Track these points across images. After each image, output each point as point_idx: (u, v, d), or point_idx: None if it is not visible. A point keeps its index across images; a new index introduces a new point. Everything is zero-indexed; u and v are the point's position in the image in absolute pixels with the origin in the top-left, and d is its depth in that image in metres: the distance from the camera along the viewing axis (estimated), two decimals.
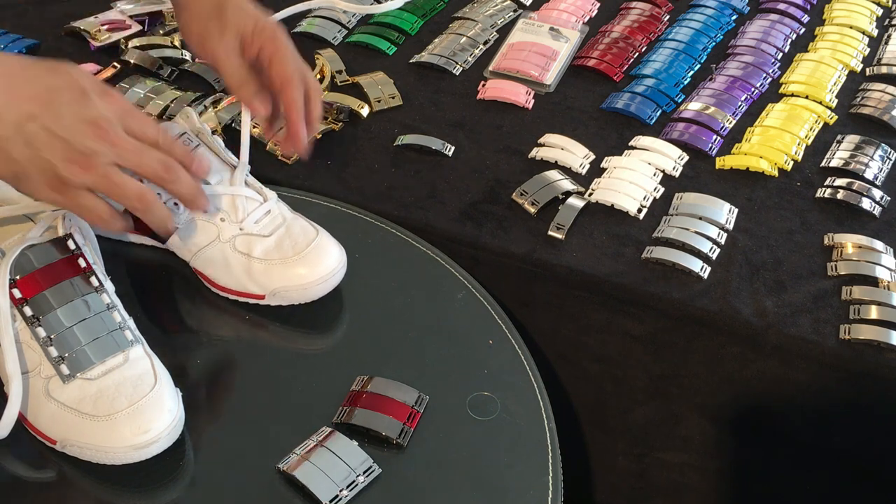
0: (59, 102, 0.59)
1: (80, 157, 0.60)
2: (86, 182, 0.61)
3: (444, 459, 0.66)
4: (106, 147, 0.60)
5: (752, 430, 0.88)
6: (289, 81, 0.74)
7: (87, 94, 0.61)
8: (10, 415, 0.62)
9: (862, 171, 0.96)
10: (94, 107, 0.60)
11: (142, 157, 0.62)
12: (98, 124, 0.60)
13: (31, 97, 0.59)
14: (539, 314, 0.89)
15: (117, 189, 0.62)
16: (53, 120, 0.59)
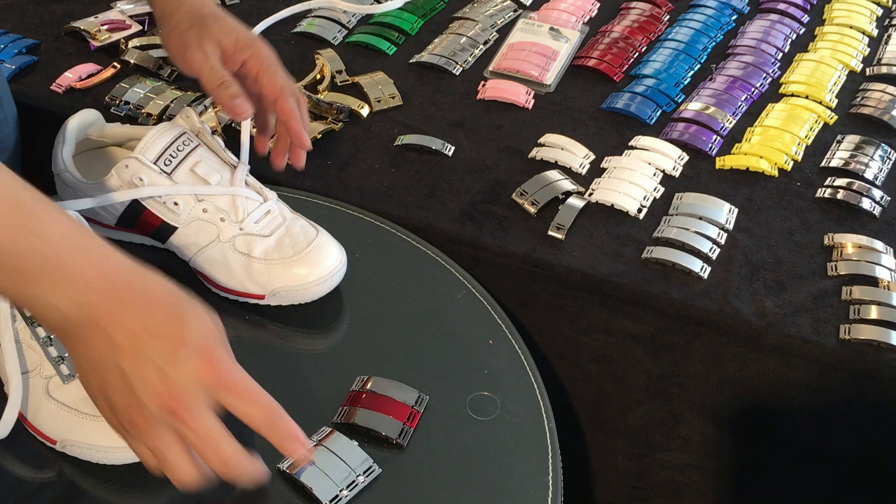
0: (148, 353, 0.53)
1: (143, 420, 0.54)
2: (139, 437, 0.55)
3: (444, 459, 0.66)
4: (175, 423, 0.53)
5: (752, 430, 0.88)
6: (281, 92, 0.76)
7: (180, 356, 0.53)
8: (10, 415, 0.62)
9: (862, 171, 0.96)
10: (180, 371, 0.53)
11: (208, 448, 0.54)
12: (177, 396, 0.53)
13: (128, 330, 0.53)
14: (539, 314, 0.89)
15: (166, 466, 0.55)
16: (136, 368, 0.53)
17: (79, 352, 0.54)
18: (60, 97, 1.03)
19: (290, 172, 0.94)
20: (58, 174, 0.78)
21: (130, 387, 0.53)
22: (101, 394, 0.55)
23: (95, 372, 0.54)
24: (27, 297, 0.53)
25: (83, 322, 0.53)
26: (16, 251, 0.52)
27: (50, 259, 0.52)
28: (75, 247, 0.54)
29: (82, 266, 0.53)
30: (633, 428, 0.92)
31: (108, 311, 0.53)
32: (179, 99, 1.02)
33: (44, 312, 0.53)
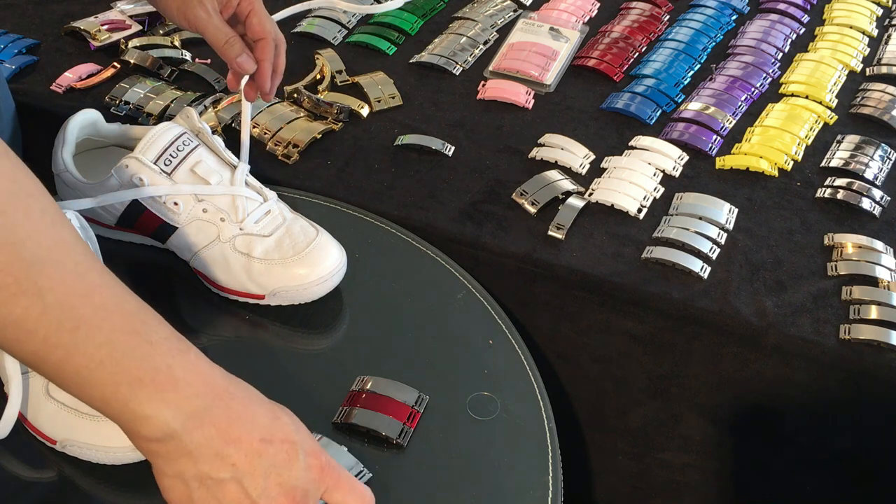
0: (266, 457, 0.52)
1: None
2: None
3: (444, 459, 0.66)
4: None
5: (752, 430, 0.88)
6: (265, 34, 0.81)
7: (296, 457, 0.53)
8: (10, 415, 0.62)
9: (862, 171, 0.96)
10: (297, 474, 0.53)
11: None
12: (293, 495, 0.53)
13: (241, 444, 0.52)
14: (539, 314, 0.89)
15: None
16: (252, 478, 0.52)
17: (181, 468, 0.52)
18: (60, 97, 1.03)
19: (289, 172, 0.94)
20: (58, 174, 0.78)
21: (252, 500, 0.52)
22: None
23: (203, 488, 0.52)
24: (129, 409, 0.50)
25: (191, 433, 0.51)
26: (128, 358, 0.50)
27: (160, 367, 0.51)
28: (180, 354, 0.52)
29: (188, 374, 0.52)
30: (633, 428, 0.92)
31: (222, 424, 0.52)
32: (179, 99, 1.02)
33: (145, 425, 0.51)
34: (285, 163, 0.95)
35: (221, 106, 1.01)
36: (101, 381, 0.50)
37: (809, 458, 0.87)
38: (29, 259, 0.48)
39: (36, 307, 0.48)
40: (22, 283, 0.47)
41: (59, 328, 0.48)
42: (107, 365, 0.49)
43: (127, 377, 0.50)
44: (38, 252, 0.48)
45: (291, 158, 0.96)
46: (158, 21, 1.17)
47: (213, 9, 0.80)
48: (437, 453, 0.66)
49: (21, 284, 0.47)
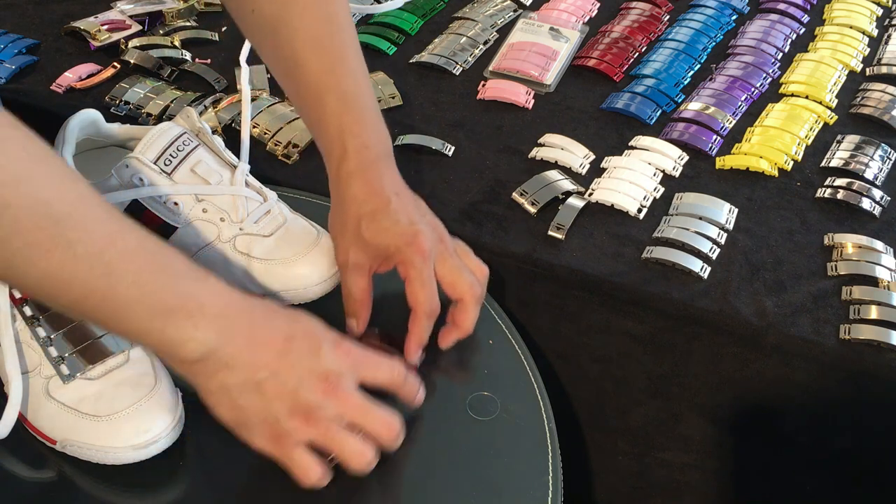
0: (295, 353, 0.59)
1: (305, 410, 0.59)
2: (307, 436, 0.59)
3: (444, 459, 0.66)
4: (331, 402, 0.59)
5: (752, 430, 0.88)
6: (414, 313, 0.70)
7: (320, 346, 0.60)
8: (10, 415, 0.62)
9: (862, 171, 0.96)
10: (326, 359, 0.60)
11: (366, 417, 0.61)
12: (328, 379, 0.59)
13: (269, 345, 0.58)
14: (539, 314, 0.89)
15: (337, 445, 0.60)
16: (287, 370, 0.58)
17: (221, 380, 0.58)
18: (60, 97, 1.03)
19: (289, 172, 0.94)
20: None
21: (291, 389, 0.58)
22: (257, 415, 0.58)
23: (248, 396, 0.58)
24: (171, 337, 0.56)
25: (224, 348, 0.57)
26: (157, 292, 0.55)
27: (186, 295, 0.56)
28: (201, 281, 0.58)
29: (211, 297, 0.57)
30: (633, 428, 0.92)
31: (248, 333, 0.58)
32: (179, 99, 1.02)
33: (184, 349, 0.56)
34: (285, 163, 0.95)
35: (221, 106, 1.01)
36: (137, 317, 0.55)
37: (809, 458, 0.87)
38: (56, 216, 0.52)
39: (69, 260, 0.52)
40: (54, 239, 0.52)
41: (91, 276, 0.53)
42: (140, 302, 0.55)
43: (159, 309, 0.55)
44: (63, 209, 0.52)
45: (291, 158, 0.96)
46: (158, 21, 1.17)
47: (357, 266, 0.71)
48: (437, 453, 0.66)
49: (53, 240, 0.52)
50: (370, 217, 0.69)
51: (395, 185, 0.71)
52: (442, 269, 0.70)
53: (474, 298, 0.71)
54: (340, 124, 0.71)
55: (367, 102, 0.72)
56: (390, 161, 0.73)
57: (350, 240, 0.70)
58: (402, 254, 0.69)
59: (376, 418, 0.61)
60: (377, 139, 0.72)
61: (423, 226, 0.70)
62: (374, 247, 0.70)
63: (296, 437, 0.59)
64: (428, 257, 0.69)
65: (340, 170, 0.71)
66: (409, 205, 0.71)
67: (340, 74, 0.72)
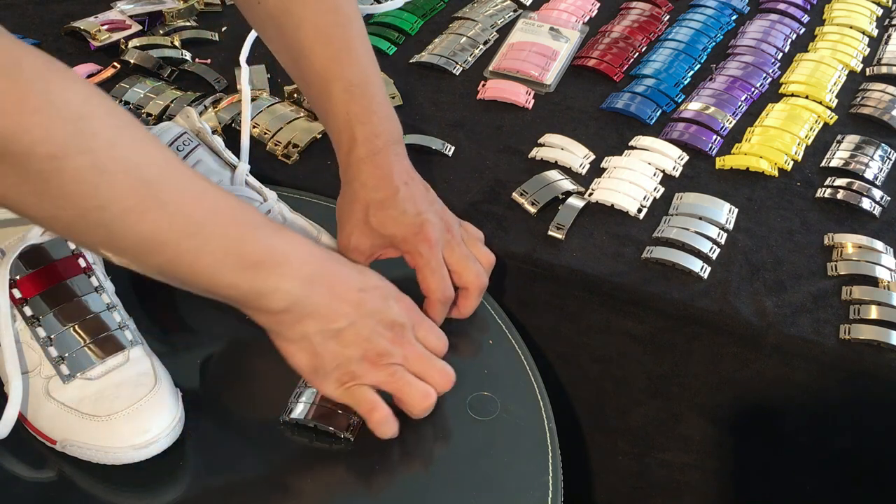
0: (368, 304, 0.63)
1: (376, 356, 0.63)
2: (375, 379, 0.63)
3: (444, 459, 0.66)
4: (398, 350, 0.63)
5: (752, 430, 0.88)
6: (428, 300, 0.71)
7: (388, 298, 0.64)
8: (10, 415, 0.62)
9: (862, 171, 0.96)
10: (393, 310, 0.64)
11: (426, 365, 0.65)
12: (394, 328, 0.64)
13: (347, 298, 0.62)
14: (539, 314, 0.89)
15: (405, 387, 0.64)
16: (362, 320, 0.62)
17: (303, 328, 0.61)
18: None
19: (289, 172, 0.94)
20: None
21: (365, 337, 0.62)
22: (332, 359, 0.62)
23: (328, 343, 0.61)
24: (259, 288, 0.59)
25: (309, 297, 0.60)
26: (244, 245, 0.58)
27: (275, 250, 0.59)
28: (280, 233, 0.61)
29: (294, 248, 0.61)
30: (633, 428, 0.92)
31: (328, 285, 0.61)
32: (179, 99, 1.02)
33: (271, 299, 0.59)
34: (285, 163, 0.95)
35: (221, 106, 1.01)
36: (227, 272, 0.58)
37: (809, 458, 0.87)
38: (148, 179, 0.54)
39: (163, 220, 0.54)
40: (147, 201, 0.54)
41: (184, 234, 0.56)
42: (229, 257, 0.57)
43: (249, 262, 0.58)
44: (153, 171, 0.54)
45: (291, 158, 0.96)
46: (158, 21, 1.17)
47: (361, 250, 0.72)
48: (437, 453, 0.66)
49: (147, 202, 0.54)
50: (378, 205, 0.70)
51: (404, 173, 0.72)
52: (450, 257, 0.72)
53: (478, 288, 0.73)
54: (348, 113, 0.71)
55: (375, 91, 0.73)
56: (400, 149, 0.73)
57: (355, 224, 0.71)
58: (410, 244, 0.71)
59: (435, 366, 0.65)
60: (386, 127, 0.73)
61: (430, 215, 0.71)
62: (381, 235, 0.71)
63: (366, 378, 0.63)
64: (435, 246, 0.70)
65: (350, 156, 0.71)
66: (418, 194, 0.72)
67: (346, 63, 0.72)
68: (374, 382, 0.63)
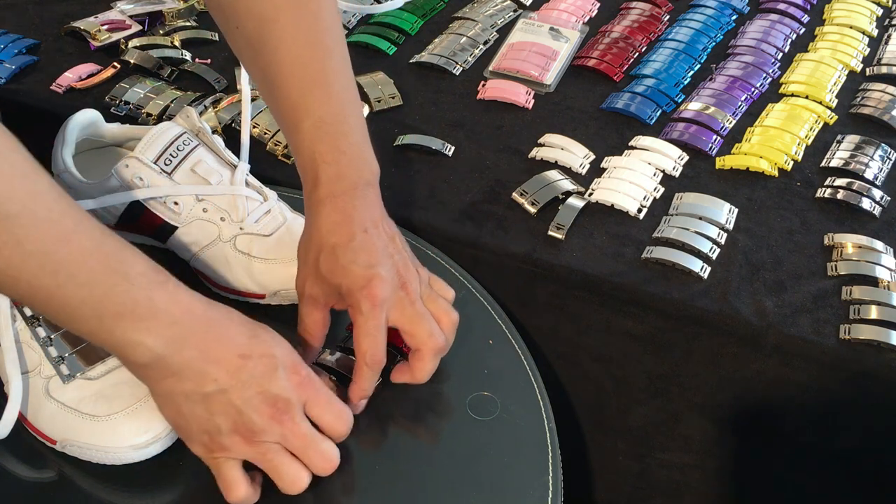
0: (247, 372, 0.57)
1: (248, 431, 0.58)
2: (244, 453, 0.59)
3: (444, 459, 0.66)
4: (275, 428, 0.58)
5: (752, 430, 0.88)
6: (357, 363, 0.66)
7: (276, 369, 0.58)
8: (10, 415, 0.62)
9: (862, 171, 0.96)
10: (278, 384, 0.58)
11: (307, 449, 0.60)
12: (276, 404, 0.58)
13: (221, 361, 0.57)
14: (539, 314, 0.89)
15: (277, 468, 0.59)
16: (235, 390, 0.57)
17: (168, 386, 0.57)
18: (60, 97, 1.03)
19: (289, 172, 0.94)
20: (58, 174, 0.78)
21: (237, 408, 0.57)
22: (197, 425, 0.58)
23: (192, 405, 0.57)
24: (119, 340, 0.55)
25: (173, 356, 0.56)
26: (108, 295, 0.54)
27: (139, 300, 0.55)
28: (160, 288, 0.56)
29: (167, 304, 0.56)
30: (634, 428, 0.92)
31: (202, 345, 0.57)
32: (179, 99, 1.02)
33: (132, 352, 0.56)
34: (285, 163, 0.95)
35: (221, 106, 1.01)
36: (85, 317, 0.55)
37: (809, 458, 0.87)
38: (4, 213, 0.51)
39: (17, 256, 0.52)
40: (2, 236, 0.51)
41: (40, 273, 0.53)
42: (88, 303, 0.54)
43: (109, 312, 0.54)
44: (12, 207, 0.52)
45: (291, 158, 0.96)
46: (158, 21, 1.17)
47: (312, 300, 0.67)
48: (437, 453, 0.66)
49: (1, 237, 0.51)
50: (330, 251, 0.65)
51: (367, 218, 0.66)
52: (400, 317, 0.65)
53: (431, 350, 0.67)
54: (314, 151, 0.67)
55: (349, 129, 0.68)
56: (369, 191, 0.68)
57: (308, 270, 0.67)
58: (353, 297, 0.64)
59: (318, 449, 0.60)
60: (355, 168, 0.68)
61: (382, 269, 0.64)
62: (329, 284, 0.66)
63: (234, 452, 0.58)
64: (378, 305, 0.64)
65: (312, 197, 0.67)
66: (378, 244, 0.66)
67: (319, 99, 0.68)
68: (244, 457, 0.59)
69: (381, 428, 0.67)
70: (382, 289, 0.64)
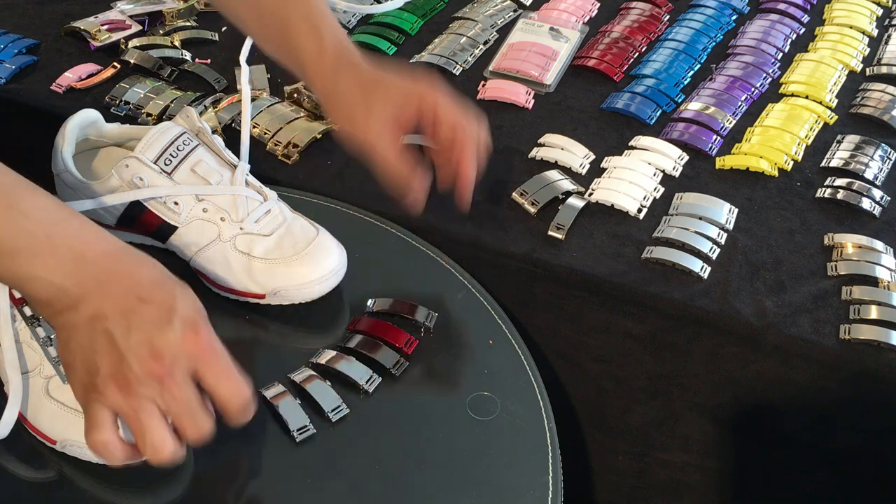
0: (140, 316, 0.55)
1: (124, 380, 0.55)
2: (115, 404, 0.55)
3: (444, 459, 0.66)
4: (154, 384, 0.55)
5: (752, 429, 0.88)
6: (461, 139, 0.76)
7: (171, 322, 0.55)
8: (10, 415, 0.62)
9: (862, 171, 0.96)
10: (168, 338, 0.55)
11: (182, 414, 0.56)
12: (161, 358, 0.55)
13: (117, 299, 0.56)
14: (539, 314, 0.89)
15: (139, 429, 0.55)
16: (123, 331, 0.55)
17: (64, 319, 0.56)
18: (60, 97, 1.03)
19: (289, 172, 0.94)
20: (58, 174, 0.78)
21: (119, 352, 0.55)
22: (81, 361, 0.56)
23: (80, 339, 0.56)
24: (18, 275, 0.56)
25: (72, 289, 0.56)
26: (8, 228, 0.55)
27: (39, 237, 0.55)
28: (62, 223, 0.57)
29: (71, 241, 0.56)
30: (634, 427, 0.92)
31: (100, 281, 0.56)
32: (179, 99, 1.02)
33: (35, 288, 0.56)
34: (285, 163, 0.95)
35: (221, 106, 1.01)
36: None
37: (809, 458, 0.87)
38: None
39: None
40: None
41: None
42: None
43: (7, 248, 0.55)
44: None
45: (291, 158, 0.96)
46: (158, 21, 1.17)
47: (378, 133, 0.75)
48: (437, 453, 0.66)
49: None
50: (376, 84, 0.75)
51: None
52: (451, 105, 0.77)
53: (471, 136, 0.78)
54: (310, 26, 0.76)
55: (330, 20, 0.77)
56: None
57: (366, 116, 0.75)
58: (427, 95, 0.75)
59: (192, 421, 0.56)
60: (344, 35, 0.78)
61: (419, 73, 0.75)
62: (395, 94, 0.75)
63: (107, 399, 0.55)
64: (442, 91, 0.75)
65: (324, 59, 0.76)
66: None
67: None
68: (113, 407, 0.55)
69: (382, 428, 0.67)
70: (439, 80, 0.75)
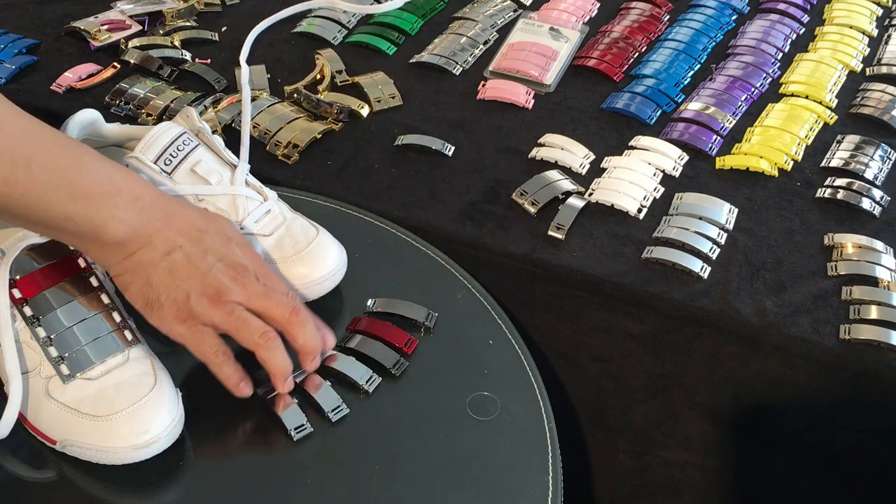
0: (207, 241, 0.64)
1: (214, 291, 0.62)
2: (213, 317, 0.63)
3: (443, 459, 0.66)
4: (238, 287, 0.63)
5: (752, 429, 0.88)
6: None
7: (230, 241, 0.65)
8: (10, 415, 0.62)
9: (862, 171, 0.96)
10: (235, 252, 0.65)
11: (268, 301, 0.64)
12: (236, 268, 0.64)
13: (183, 231, 0.63)
14: (539, 314, 0.89)
15: (242, 325, 0.63)
16: (199, 254, 0.63)
17: (139, 258, 0.62)
18: (60, 97, 1.03)
19: (289, 172, 0.94)
20: None
21: (202, 272, 0.62)
22: (167, 293, 0.62)
23: (161, 273, 0.62)
24: (94, 220, 0.60)
25: (145, 226, 0.61)
26: (80, 175, 0.59)
27: (107, 182, 0.60)
28: (115, 170, 0.62)
29: (131, 185, 0.62)
30: (634, 427, 0.92)
31: (164, 217, 0.62)
32: (179, 99, 1.02)
33: (111, 229, 0.60)
34: (285, 163, 0.95)
35: (221, 106, 1.01)
36: (59, 202, 0.58)
37: (809, 458, 0.87)
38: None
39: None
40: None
41: (13, 168, 0.57)
42: (60, 187, 0.58)
43: (81, 192, 0.59)
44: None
45: (291, 158, 0.96)
46: (158, 21, 1.17)
47: None
48: (437, 453, 0.66)
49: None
50: None
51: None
52: None
53: None
54: None
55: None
56: None
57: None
58: None
59: (276, 301, 0.64)
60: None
61: None
62: None
63: (204, 317, 0.62)
64: None
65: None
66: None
67: None
68: (212, 322, 0.63)
69: (382, 428, 0.67)
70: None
